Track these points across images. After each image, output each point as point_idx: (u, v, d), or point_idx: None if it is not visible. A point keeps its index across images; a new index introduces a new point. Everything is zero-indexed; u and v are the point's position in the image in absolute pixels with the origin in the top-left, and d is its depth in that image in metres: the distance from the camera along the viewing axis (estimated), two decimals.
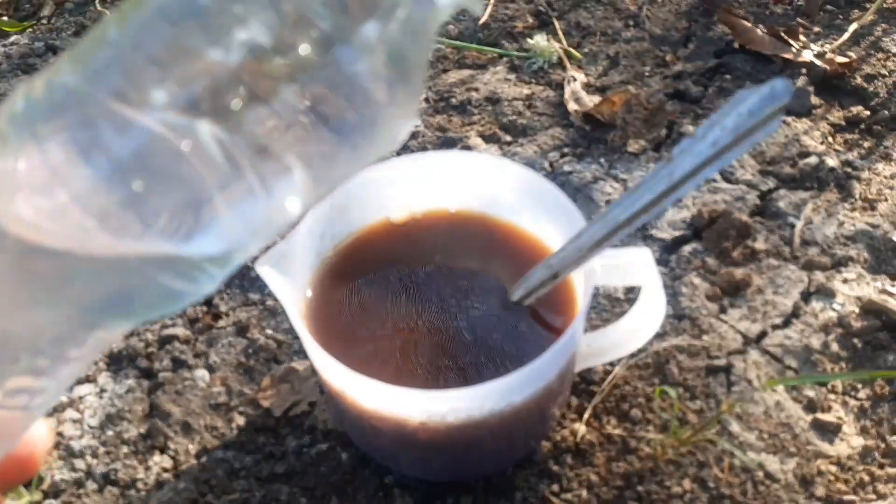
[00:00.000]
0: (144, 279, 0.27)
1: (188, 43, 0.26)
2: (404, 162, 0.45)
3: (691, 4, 0.75)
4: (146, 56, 0.26)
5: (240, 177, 0.26)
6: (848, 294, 0.52)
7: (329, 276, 0.44)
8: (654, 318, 0.41)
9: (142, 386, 0.49)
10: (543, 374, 0.37)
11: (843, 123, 0.64)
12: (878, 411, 0.47)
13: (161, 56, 0.26)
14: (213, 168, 0.26)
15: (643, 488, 0.43)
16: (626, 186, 0.59)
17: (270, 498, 0.43)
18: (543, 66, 0.69)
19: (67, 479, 0.45)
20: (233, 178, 0.27)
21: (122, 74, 0.26)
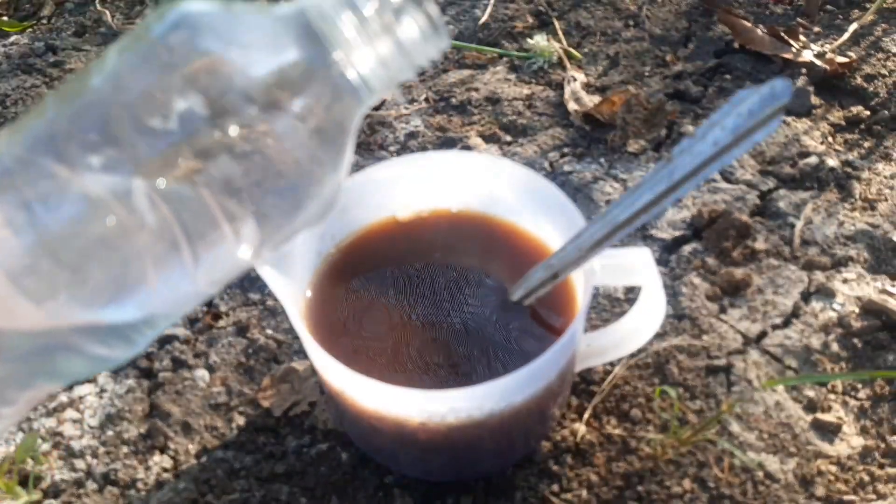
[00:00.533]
0: (70, 347, 0.28)
1: (126, 115, 0.26)
2: (404, 162, 0.45)
3: (691, 4, 0.75)
4: (85, 125, 0.27)
5: (172, 247, 0.27)
6: (848, 294, 0.52)
7: (329, 275, 0.44)
8: (654, 318, 0.41)
9: (142, 386, 0.49)
10: (543, 374, 0.37)
11: (843, 123, 0.64)
12: (879, 411, 0.47)
13: (99, 125, 0.27)
14: (144, 237, 0.26)
15: (643, 488, 0.43)
16: (626, 186, 0.59)
17: (270, 498, 0.43)
18: (543, 66, 0.70)
19: (67, 478, 0.45)
20: (163, 247, 0.27)
21: (59, 141, 0.27)
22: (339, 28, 0.27)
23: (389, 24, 0.28)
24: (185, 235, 0.27)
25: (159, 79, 0.26)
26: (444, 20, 0.75)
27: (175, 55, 0.26)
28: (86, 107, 0.27)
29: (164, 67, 0.26)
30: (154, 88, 0.26)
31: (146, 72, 0.27)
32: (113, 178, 0.26)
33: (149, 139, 0.26)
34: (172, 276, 0.28)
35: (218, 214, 0.27)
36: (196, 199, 0.26)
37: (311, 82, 0.27)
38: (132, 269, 0.27)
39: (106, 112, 0.26)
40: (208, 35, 0.27)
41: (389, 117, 0.66)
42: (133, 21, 0.78)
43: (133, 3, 0.81)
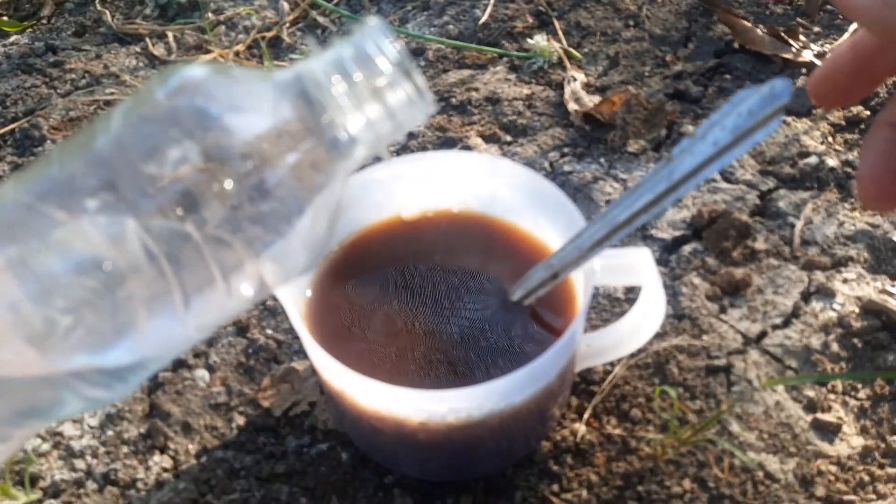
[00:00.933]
0: (65, 388, 0.29)
1: (126, 166, 0.28)
2: (404, 162, 0.45)
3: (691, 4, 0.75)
4: (86, 175, 0.28)
5: (164, 292, 0.28)
6: (848, 294, 0.52)
7: (329, 275, 0.44)
8: (654, 318, 0.41)
9: (142, 386, 0.49)
10: (543, 374, 0.37)
11: (843, 123, 0.64)
12: (878, 411, 0.47)
13: (100, 175, 0.28)
14: (137, 282, 0.28)
15: (643, 488, 0.43)
16: (625, 186, 0.59)
17: (270, 498, 0.43)
18: (543, 66, 0.69)
19: (67, 478, 0.45)
20: (156, 293, 0.28)
21: (61, 190, 0.28)
22: (331, 93, 0.30)
23: (378, 90, 0.30)
24: (177, 281, 0.28)
25: (159, 134, 0.28)
26: (445, 20, 0.75)
27: (176, 114, 0.28)
28: (88, 159, 0.29)
29: (164, 124, 0.28)
30: (153, 143, 0.28)
31: (147, 128, 0.29)
32: (110, 223, 0.28)
33: (146, 188, 0.28)
34: (164, 322, 0.29)
35: (210, 261, 0.28)
36: (189, 247, 0.28)
37: (303, 142, 0.30)
38: (126, 314, 0.28)
39: (107, 164, 0.28)
40: (208, 97, 0.29)
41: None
42: (133, 21, 0.78)
43: (133, 3, 0.81)
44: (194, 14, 0.78)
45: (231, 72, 0.30)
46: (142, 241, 0.27)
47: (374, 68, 0.30)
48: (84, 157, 0.28)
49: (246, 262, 0.29)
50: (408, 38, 0.74)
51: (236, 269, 0.29)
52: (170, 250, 0.27)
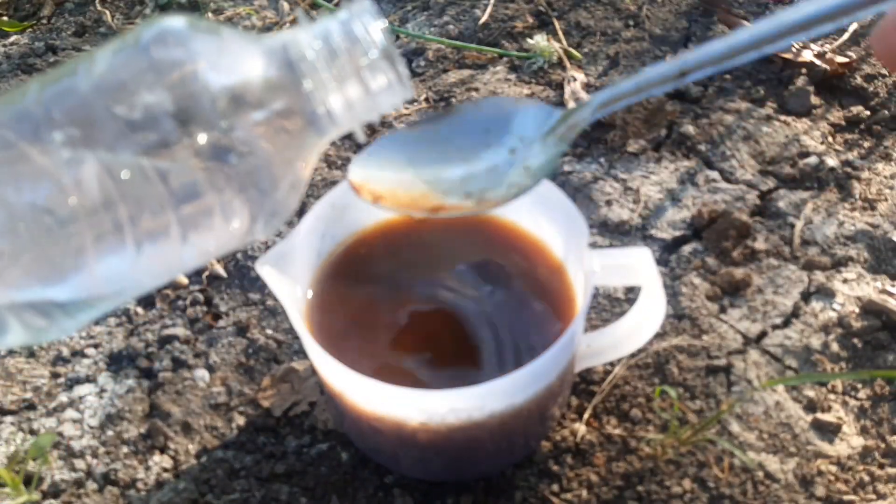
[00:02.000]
0: (6, 313, 0.29)
1: (97, 103, 0.29)
2: None
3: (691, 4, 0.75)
4: (56, 107, 0.29)
5: (116, 231, 0.28)
6: (848, 294, 0.52)
7: (329, 275, 0.44)
8: (654, 318, 0.41)
9: (142, 386, 0.49)
10: (543, 374, 0.37)
11: (843, 123, 0.64)
12: (878, 411, 0.47)
13: (69, 109, 0.29)
14: (90, 216, 0.28)
15: (643, 488, 0.43)
16: (626, 186, 0.59)
17: (270, 498, 0.43)
18: (543, 66, 0.69)
19: (67, 479, 0.45)
20: (108, 229, 0.28)
21: (28, 119, 0.29)
22: (314, 66, 0.30)
23: (360, 69, 0.31)
24: (130, 224, 0.28)
25: (134, 76, 0.29)
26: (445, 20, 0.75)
27: (155, 59, 0.29)
28: (61, 92, 0.29)
29: (141, 68, 0.29)
30: (128, 84, 0.29)
31: (124, 69, 0.29)
32: (72, 157, 0.28)
33: (113, 128, 0.28)
34: (114, 262, 0.30)
35: (165, 207, 0.29)
36: (147, 190, 0.28)
37: (279, 107, 0.30)
38: (76, 250, 0.28)
39: (79, 100, 0.28)
40: (189, 49, 0.29)
41: (389, 117, 0.66)
42: (133, 21, 0.78)
43: (133, 2, 0.81)
44: (194, 14, 0.78)
45: (219, 29, 0.31)
46: (100, 179, 0.28)
47: (358, 48, 0.30)
48: (57, 91, 0.29)
49: (201, 213, 0.29)
50: (408, 38, 0.74)
51: (191, 220, 0.29)
52: (127, 191, 0.28)
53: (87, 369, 0.50)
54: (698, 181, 0.59)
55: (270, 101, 0.30)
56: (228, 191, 0.29)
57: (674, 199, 0.58)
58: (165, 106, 0.28)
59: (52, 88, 0.29)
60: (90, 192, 0.28)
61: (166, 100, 0.28)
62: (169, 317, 0.52)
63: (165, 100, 0.28)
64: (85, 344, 0.51)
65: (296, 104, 0.30)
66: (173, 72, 0.29)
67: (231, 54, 0.30)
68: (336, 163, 0.62)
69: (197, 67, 0.29)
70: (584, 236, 0.39)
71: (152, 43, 0.29)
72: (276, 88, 0.30)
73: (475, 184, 0.37)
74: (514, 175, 0.36)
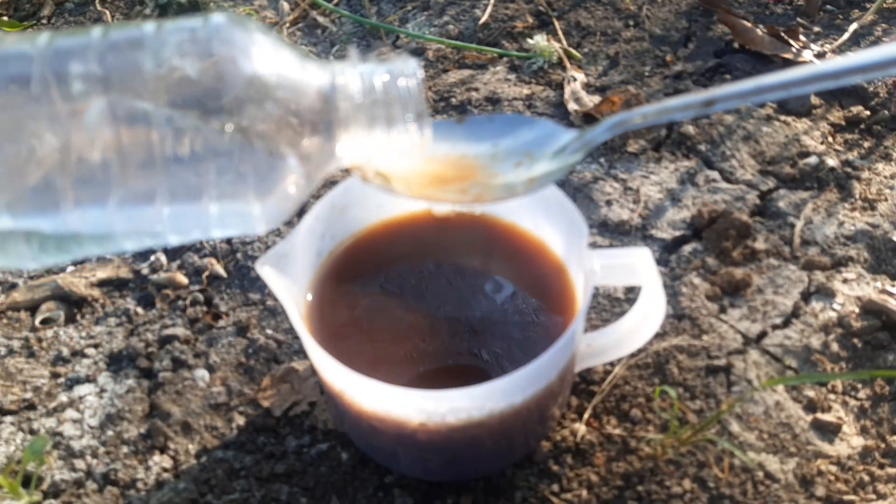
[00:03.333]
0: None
1: (120, 56, 0.30)
2: None
3: (691, 4, 0.75)
4: (81, 53, 0.30)
5: (103, 170, 0.29)
6: (848, 294, 0.52)
7: (329, 276, 0.44)
8: (653, 317, 0.41)
9: (142, 386, 0.49)
10: (543, 374, 0.37)
11: (843, 123, 0.64)
12: (878, 411, 0.47)
13: (92, 56, 0.30)
14: (85, 152, 0.29)
15: (643, 488, 0.43)
16: (626, 186, 0.59)
17: (270, 498, 0.43)
18: (543, 66, 0.70)
19: (67, 479, 0.45)
20: (100, 175, 0.29)
21: (64, 54, 0.30)
22: (350, 115, 0.32)
23: (391, 126, 0.33)
24: (121, 174, 0.29)
25: (176, 48, 0.30)
26: (445, 20, 0.75)
27: (195, 39, 0.30)
28: (102, 41, 0.30)
29: (187, 44, 0.30)
30: (165, 53, 0.30)
31: (171, 42, 0.30)
32: (83, 94, 0.29)
33: (135, 81, 0.29)
34: (93, 209, 0.30)
35: (159, 169, 0.29)
36: (144, 148, 0.29)
37: (302, 126, 0.31)
38: (63, 185, 0.29)
39: (116, 51, 0.30)
40: (236, 42, 0.31)
41: None
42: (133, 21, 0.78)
43: (133, 2, 0.81)
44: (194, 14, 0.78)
45: (274, 37, 0.32)
46: (103, 121, 0.29)
47: (396, 107, 0.32)
48: (100, 40, 0.30)
49: (187, 187, 0.30)
50: (408, 38, 0.74)
51: (177, 191, 0.30)
52: (124, 140, 0.29)
53: (87, 369, 0.50)
54: (698, 181, 0.59)
55: (299, 115, 0.31)
56: (221, 170, 0.30)
57: (674, 199, 0.58)
58: (198, 76, 0.29)
59: (101, 37, 0.30)
60: (90, 131, 0.29)
61: (191, 67, 0.29)
62: (169, 317, 0.52)
63: (193, 70, 0.29)
64: (85, 344, 0.51)
65: (321, 133, 0.32)
66: (221, 52, 0.30)
67: (277, 57, 0.31)
68: None
69: (235, 57, 0.30)
70: (584, 236, 0.39)
71: (199, 29, 0.31)
72: (309, 110, 0.31)
73: (476, 188, 0.37)
74: (516, 181, 0.37)
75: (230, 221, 0.32)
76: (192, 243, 0.57)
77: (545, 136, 0.38)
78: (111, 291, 0.55)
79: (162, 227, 0.31)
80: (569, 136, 0.37)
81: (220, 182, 0.30)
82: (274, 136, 0.30)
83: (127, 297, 0.54)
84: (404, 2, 0.78)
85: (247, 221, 0.32)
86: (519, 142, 0.38)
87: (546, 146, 0.37)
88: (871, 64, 0.32)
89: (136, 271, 0.56)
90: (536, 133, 0.38)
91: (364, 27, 0.76)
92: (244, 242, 0.57)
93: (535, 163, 0.37)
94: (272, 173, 0.31)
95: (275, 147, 0.30)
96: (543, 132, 0.38)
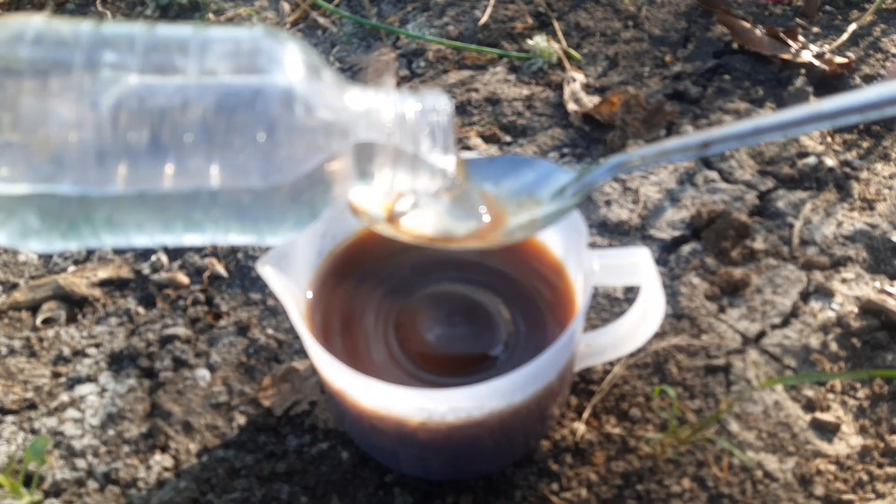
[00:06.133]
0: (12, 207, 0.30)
1: (164, 47, 0.31)
2: None
3: (690, 5, 0.75)
4: (133, 37, 0.32)
5: (117, 149, 0.30)
6: (847, 294, 0.52)
7: (330, 275, 0.44)
8: (653, 317, 0.41)
9: (143, 385, 0.49)
10: (543, 373, 0.37)
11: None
12: (877, 411, 0.47)
13: (138, 42, 0.31)
14: (107, 135, 0.29)
15: (642, 487, 0.43)
16: (625, 186, 0.59)
17: (271, 497, 0.43)
18: (543, 66, 0.70)
19: (68, 478, 0.45)
20: (113, 147, 0.30)
21: (105, 38, 0.31)
22: (382, 151, 0.33)
23: (417, 161, 0.34)
24: (129, 149, 0.30)
25: (215, 48, 0.31)
26: (444, 21, 0.75)
27: (251, 46, 0.31)
28: (146, 33, 0.31)
29: (230, 44, 0.31)
30: (203, 49, 0.31)
31: (214, 44, 0.31)
32: (115, 70, 0.30)
33: (165, 68, 0.30)
34: (91, 171, 0.30)
35: (164, 142, 0.30)
36: (152, 121, 0.30)
37: (334, 142, 0.32)
38: (69, 146, 0.30)
39: (153, 40, 0.31)
40: (276, 57, 0.31)
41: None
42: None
43: (133, 3, 0.81)
44: (195, 15, 0.78)
45: (324, 72, 0.33)
46: (126, 100, 0.29)
47: (425, 141, 0.33)
48: (144, 31, 0.31)
49: (188, 170, 0.30)
50: (408, 39, 0.74)
51: (182, 167, 0.30)
52: (136, 112, 0.29)
53: (89, 369, 0.50)
54: (697, 181, 0.60)
55: (327, 136, 0.32)
56: (231, 158, 0.30)
57: (673, 199, 0.58)
58: (221, 65, 0.30)
59: (143, 31, 0.32)
60: (114, 111, 0.29)
61: (227, 67, 0.30)
62: (170, 316, 0.53)
63: (226, 67, 0.30)
64: (86, 343, 0.52)
65: (345, 151, 0.32)
66: (263, 66, 0.31)
67: (317, 88, 0.32)
68: None
69: (280, 73, 0.31)
70: (583, 236, 0.39)
71: (246, 39, 0.31)
72: (337, 131, 0.32)
73: (476, 225, 0.38)
74: (518, 223, 0.37)
75: (241, 229, 0.32)
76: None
77: (544, 177, 0.39)
78: (112, 291, 0.55)
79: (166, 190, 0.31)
80: (567, 176, 0.37)
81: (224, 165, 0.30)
82: (300, 147, 0.31)
83: (128, 297, 0.54)
84: (404, 2, 0.79)
85: (260, 232, 0.32)
86: (520, 182, 0.39)
87: (546, 187, 0.38)
88: (871, 103, 0.32)
89: (137, 271, 0.56)
90: (536, 173, 0.39)
91: (364, 28, 0.76)
92: None
93: (537, 205, 0.38)
94: (294, 192, 0.31)
95: (297, 161, 0.31)
96: (543, 172, 0.39)
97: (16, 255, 0.58)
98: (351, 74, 0.71)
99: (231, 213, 0.32)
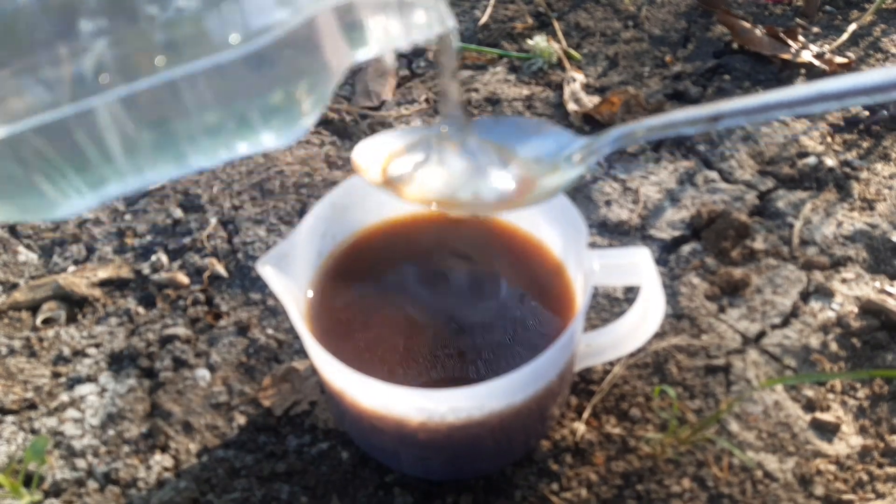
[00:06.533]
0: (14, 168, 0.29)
1: None
2: None
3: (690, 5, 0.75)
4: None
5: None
6: (847, 294, 0.52)
7: (330, 275, 0.44)
8: (653, 317, 0.41)
9: (143, 385, 0.49)
10: (543, 373, 0.37)
11: (842, 124, 0.65)
12: (877, 411, 0.47)
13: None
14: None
15: (642, 487, 0.43)
16: (625, 186, 0.59)
17: (271, 497, 0.43)
18: (543, 66, 0.70)
19: (68, 478, 0.45)
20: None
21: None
22: None
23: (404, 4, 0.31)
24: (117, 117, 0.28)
25: None
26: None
27: None
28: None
29: None
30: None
31: None
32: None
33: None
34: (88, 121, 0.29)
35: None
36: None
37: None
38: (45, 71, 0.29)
39: None
40: None
41: (390, 118, 0.66)
42: None
43: None
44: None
45: None
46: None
47: None
48: None
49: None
50: None
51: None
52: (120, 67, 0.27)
53: (89, 369, 0.50)
54: (697, 181, 0.60)
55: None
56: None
57: (673, 200, 0.58)
58: None
59: None
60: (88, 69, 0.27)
61: None
62: (170, 316, 0.53)
63: None
64: (86, 343, 0.52)
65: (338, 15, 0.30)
66: None
67: None
68: (337, 163, 0.62)
69: None
70: (583, 236, 0.39)
71: None
72: None
73: (476, 188, 0.37)
74: (546, 185, 0.36)
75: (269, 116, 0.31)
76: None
77: (554, 142, 0.38)
78: (112, 291, 0.55)
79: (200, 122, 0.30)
80: (578, 142, 0.37)
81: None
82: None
83: (128, 297, 0.54)
84: None
85: (253, 127, 0.31)
86: (537, 145, 0.37)
87: (559, 150, 0.37)
88: (878, 86, 0.31)
89: (137, 271, 0.56)
90: (545, 138, 0.38)
91: None
92: (245, 242, 0.57)
93: (555, 169, 0.36)
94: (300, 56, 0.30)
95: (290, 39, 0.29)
96: (551, 137, 0.38)
97: (16, 255, 0.58)
98: (351, 74, 0.71)
99: (217, 104, 0.30)
